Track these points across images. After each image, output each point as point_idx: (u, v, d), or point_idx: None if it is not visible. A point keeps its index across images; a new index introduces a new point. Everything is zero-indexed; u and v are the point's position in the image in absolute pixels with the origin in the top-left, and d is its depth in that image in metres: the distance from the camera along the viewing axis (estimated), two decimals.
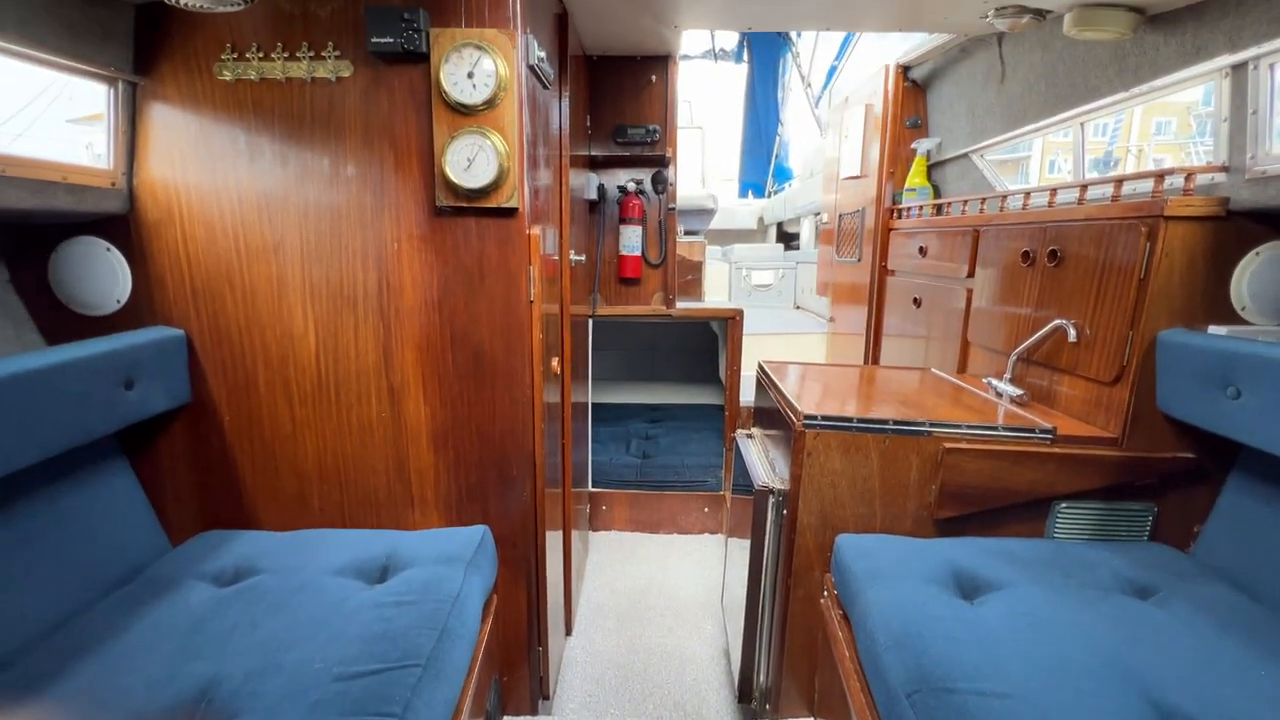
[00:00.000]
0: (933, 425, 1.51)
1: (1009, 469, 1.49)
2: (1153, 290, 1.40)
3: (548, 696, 1.90)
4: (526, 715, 1.84)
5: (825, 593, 1.55)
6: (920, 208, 2.64)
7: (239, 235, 1.55)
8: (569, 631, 2.29)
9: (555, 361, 1.88)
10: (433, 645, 1.16)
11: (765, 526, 1.63)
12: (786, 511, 1.59)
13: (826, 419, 1.52)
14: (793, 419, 1.57)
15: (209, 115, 1.50)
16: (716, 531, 3.07)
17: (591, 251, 2.83)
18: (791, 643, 1.63)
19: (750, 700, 1.81)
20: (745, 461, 1.84)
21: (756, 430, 2.10)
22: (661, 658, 2.18)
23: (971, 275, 2.13)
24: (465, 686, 1.26)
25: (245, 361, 1.60)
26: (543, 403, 1.65)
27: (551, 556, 1.88)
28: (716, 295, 4.77)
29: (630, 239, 2.86)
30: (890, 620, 1.20)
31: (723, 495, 3.03)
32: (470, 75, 1.42)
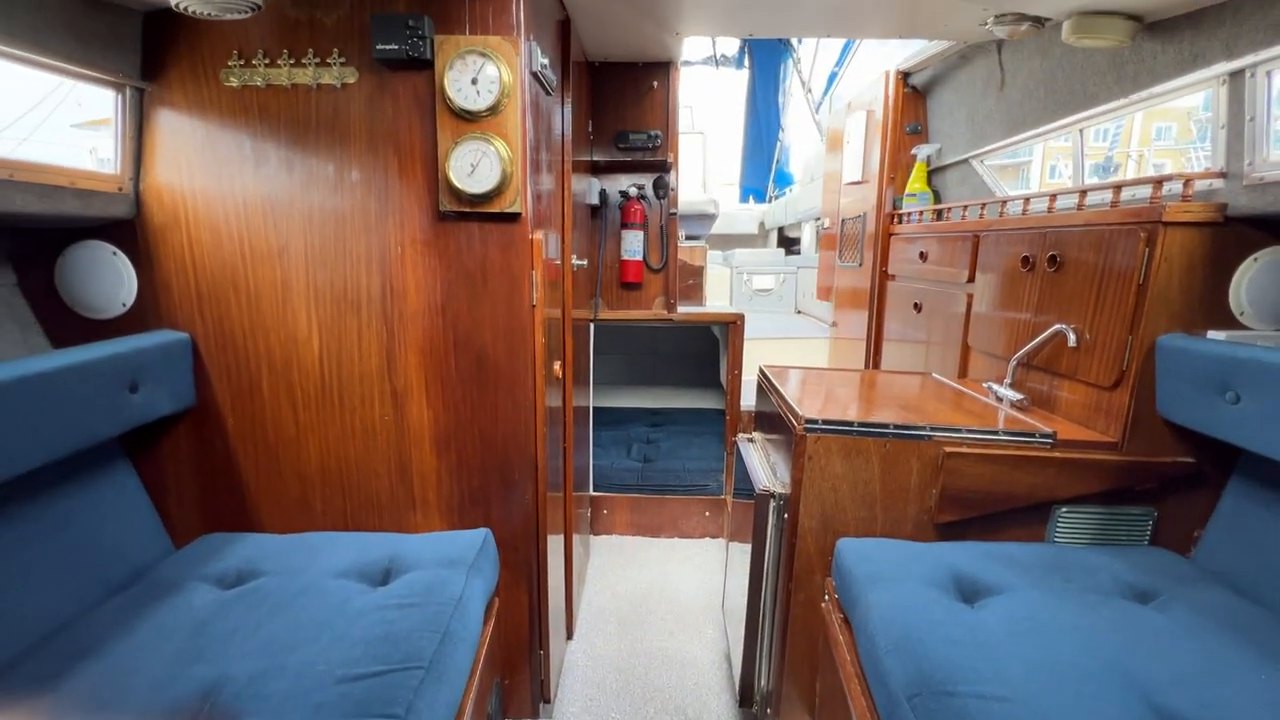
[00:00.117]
0: (933, 429, 1.51)
1: (1009, 473, 1.49)
2: (1152, 295, 1.41)
3: (549, 700, 1.90)
4: (527, 718, 1.84)
5: (826, 596, 1.55)
6: (921, 213, 2.65)
7: (244, 240, 1.56)
8: (570, 635, 2.29)
9: (557, 365, 1.89)
10: (435, 647, 1.16)
11: (766, 530, 1.63)
12: (787, 515, 1.59)
13: (827, 423, 1.52)
14: (794, 423, 1.57)
15: (215, 121, 1.51)
16: (717, 536, 3.08)
17: (593, 256, 2.84)
18: (792, 647, 1.63)
19: (751, 704, 1.81)
20: (746, 465, 1.84)
21: (757, 434, 2.11)
22: (662, 662, 2.18)
23: (972, 280, 2.14)
24: (467, 689, 1.26)
25: (249, 365, 1.61)
26: (545, 407, 1.66)
27: (553, 560, 1.88)
28: (718, 300, 4.78)
29: (632, 244, 2.87)
30: (891, 624, 1.21)
31: (724, 499, 3.04)
32: (474, 82, 1.43)
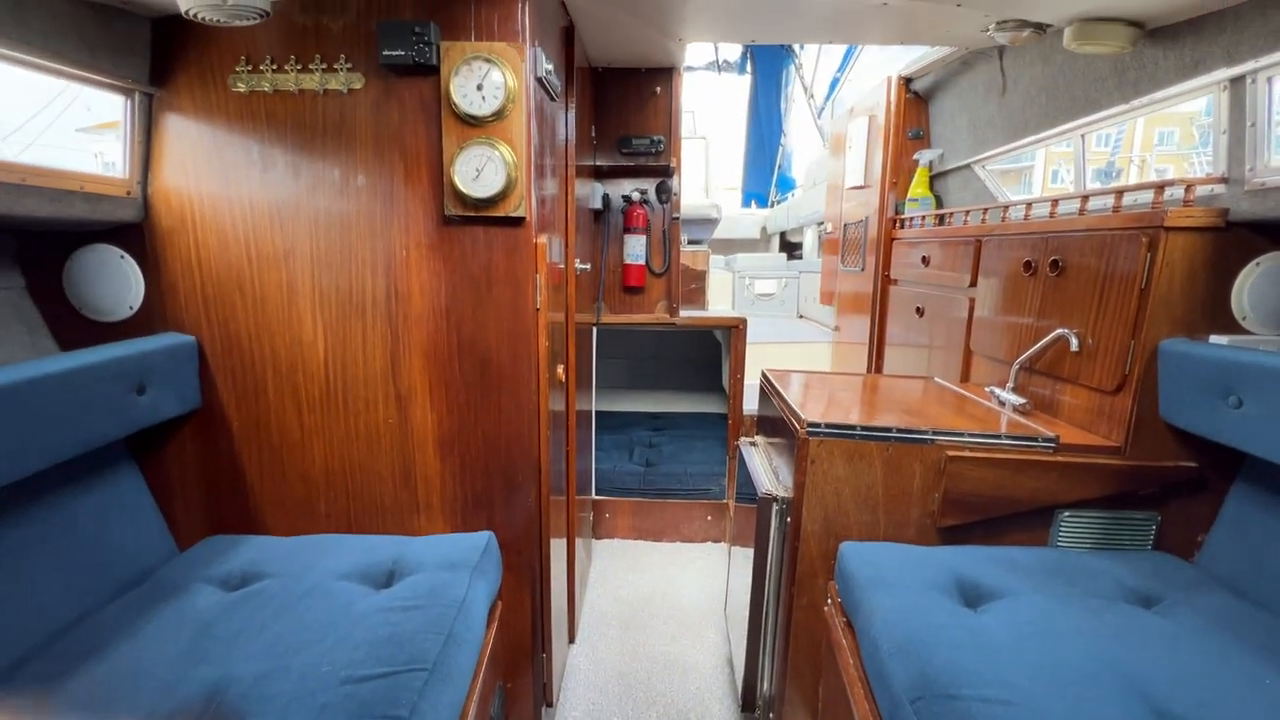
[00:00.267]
0: (936, 433, 1.52)
1: (1012, 477, 1.49)
2: (1154, 300, 1.41)
3: (551, 704, 1.90)
4: None
5: (829, 600, 1.55)
6: (923, 218, 2.65)
7: (250, 243, 1.57)
8: (572, 639, 2.29)
9: (560, 369, 1.90)
10: (439, 649, 1.16)
11: (769, 534, 1.64)
12: (790, 519, 1.60)
13: (830, 427, 1.53)
14: (796, 427, 1.58)
15: (223, 126, 1.53)
16: (719, 540, 3.07)
17: (596, 260, 2.85)
18: (795, 650, 1.63)
19: (754, 709, 1.81)
20: (749, 469, 1.85)
21: (760, 438, 2.11)
22: (665, 666, 2.18)
23: (974, 285, 2.15)
24: (470, 691, 1.26)
25: (255, 368, 1.62)
26: (548, 410, 1.67)
27: (556, 564, 1.88)
28: (719, 304, 4.79)
29: (634, 248, 2.88)
30: (894, 627, 1.21)
31: (726, 503, 3.04)
32: (479, 87, 1.44)
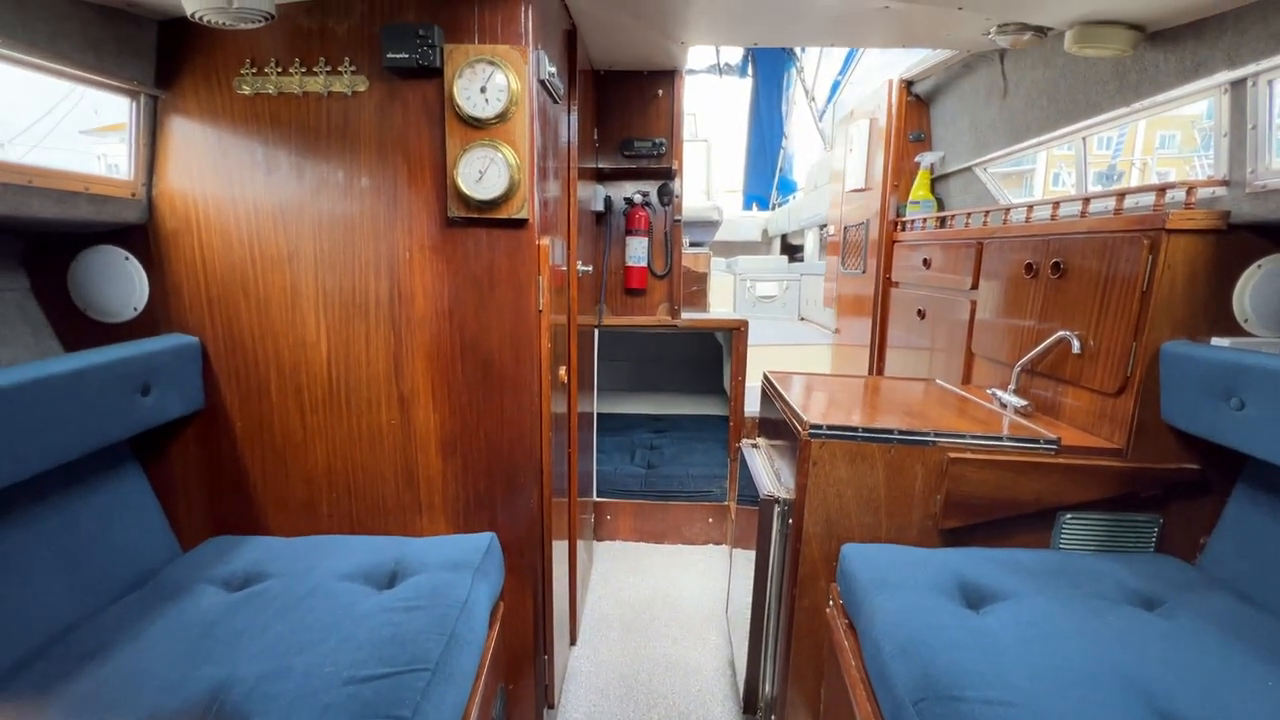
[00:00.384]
0: (938, 435, 1.52)
1: (1014, 479, 1.50)
2: (1155, 302, 1.42)
3: (553, 706, 1.90)
4: None
5: (831, 602, 1.55)
6: (924, 220, 2.66)
7: (254, 245, 1.58)
8: (574, 641, 2.29)
9: (562, 371, 1.90)
10: (441, 650, 1.17)
11: (770, 536, 1.64)
12: (792, 521, 1.60)
13: (832, 429, 1.53)
14: (798, 428, 1.58)
15: (227, 128, 1.53)
16: (721, 542, 3.07)
17: (598, 262, 2.86)
18: (797, 652, 1.63)
19: (755, 711, 1.81)
20: (750, 471, 1.85)
21: (761, 440, 2.11)
22: (666, 668, 2.18)
23: (975, 287, 2.15)
24: (473, 692, 1.26)
25: (258, 368, 1.63)
26: (550, 412, 1.67)
27: (557, 565, 1.89)
28: (721, 307, 4.79)
29: (636, 250, 2.89)
30: (896, 629, 1.21)
31: (727, 506, 3.04)
32: (483, 90, 1.45)
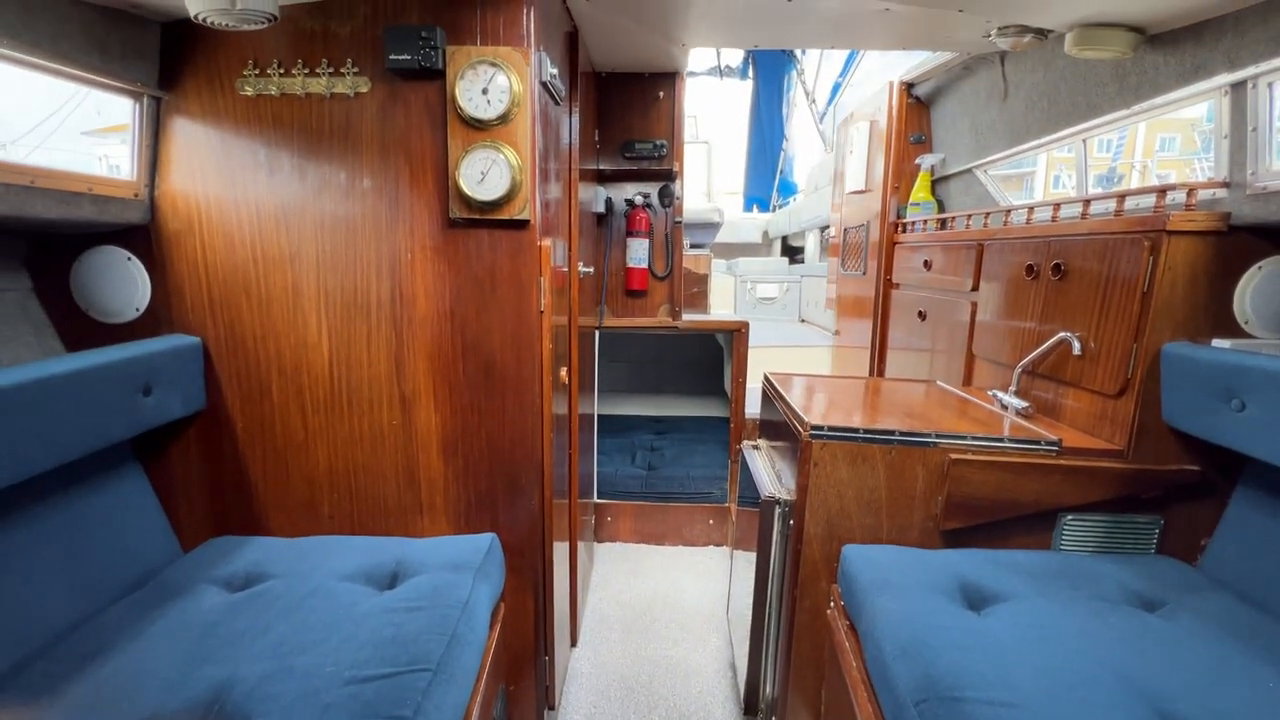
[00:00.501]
0: (939, 436, 1.52)
1: (1015, 480, 1.50)
2: (1156, 304, 1.42)
3: (553, 707, 1.90)
4: None
5: (832, 603, 1.55)
6: (924, 222, 2.66)
7: (256, 246, 1.58)
8: (574, 642, 2.28)
9: (564, 372, 1.91)
10: (443, 650, 1.17)
11: (771, 537, 1.64)
12: (793, 522, 1.60)
13: (833, 430, 1.53)
14: (799, 430, 1.58)
15: (230, 129, 1.54)
16: (721, 544, 3.07)
17: (599, 264, 2.86)
18: (798, 654, 1.63)
19: (756, 713, 1.81)
20: (751, 473, 1.85)
21: (762, 441, 2.11)
22: (667, 670, 2.18)
23: (976, 289, 2.15)
24: (474, 692, 1.26)
25: (260, 369, 1.63)
26: (551, 413, 1.67)
27: (558, 566, 1.88)
28: (722, 308, 4.80)
29: (637, 252, 2.89)
30: (897, 630, 1.21)
31: (728, 507, 3.04)
32: (485, 91, 1.45)
